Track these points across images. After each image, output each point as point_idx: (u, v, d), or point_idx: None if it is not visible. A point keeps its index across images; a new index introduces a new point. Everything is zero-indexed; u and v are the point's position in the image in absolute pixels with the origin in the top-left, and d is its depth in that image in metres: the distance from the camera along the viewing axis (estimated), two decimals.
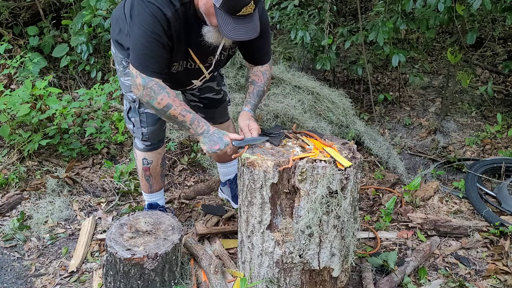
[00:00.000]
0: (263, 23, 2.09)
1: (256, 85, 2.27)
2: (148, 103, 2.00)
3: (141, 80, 1.97)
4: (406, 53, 3.60)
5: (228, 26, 1.84)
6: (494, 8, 3.12)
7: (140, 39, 1.94)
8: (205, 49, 2.09)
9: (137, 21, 1.94)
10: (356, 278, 2.31)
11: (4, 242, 2.61)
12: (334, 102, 3.67)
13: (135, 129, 2.40)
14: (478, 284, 2.30)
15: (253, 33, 1.89)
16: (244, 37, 1.88)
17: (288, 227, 1.94)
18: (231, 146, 2.04)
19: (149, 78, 1.97)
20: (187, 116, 2.03)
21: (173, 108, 2.00)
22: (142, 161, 2.49)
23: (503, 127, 3.83)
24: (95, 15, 4.16)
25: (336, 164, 1.87)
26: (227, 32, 1.85)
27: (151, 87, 1.97)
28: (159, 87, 1.98)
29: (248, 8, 1.81)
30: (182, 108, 2.02)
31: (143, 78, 1.96)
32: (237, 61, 3.84)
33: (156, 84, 1.97)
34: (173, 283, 2.18)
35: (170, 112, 2.00)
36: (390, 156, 3.52)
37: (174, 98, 2.01)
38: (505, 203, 2.89)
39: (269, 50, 2.31)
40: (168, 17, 1.91)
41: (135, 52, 1.97)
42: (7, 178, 3.12)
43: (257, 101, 2.26)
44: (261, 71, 2.29)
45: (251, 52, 2.28)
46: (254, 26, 1.89)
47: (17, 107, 3.22)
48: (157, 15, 1.90)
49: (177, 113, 2.01)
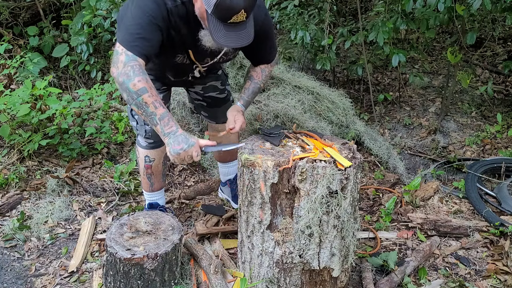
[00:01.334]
0: (265, 28, 2.10)
1: (253, 81, 2.31)
2: (123, 83, 1.84)
3: (124, 58, 1.85)
4: (406, 53, 3.60)
5: (219, 32, 1.82)
6: (494, 8, 3.12)
7: (136, 19, 1.89)
8: (203, 51, 2.09)
9: (137, 3, 1.92)
10: (356, 278, 2.31)
11: (4, 242, 2.61)
12: (334, 102, 3.67)
13: (139, 126, 2.40)
14: (478, 284, 2.30)
15: (245, 40, 1.86)
16: (235, 45, 1.86)
17: (288, 227, 1.94)
18: (197, 149, 1.91)
19: (134, 57, 1.85)
20: (159, 110, 1.87)
21: (147, 95, 1.84)
22: (144, 158, 2.49)
23: (503, 127, 3.83)
24: (95, 15, 4.16)
25: (336, 164, 1.87)
26: (217, 39, 1.83)
27: (132, 65, 1.84)
28: (140, 69, 1.85)
29: (239, 16, 1.79)
30: (157, 99, 1.87)
31: (127, 56, 1.85)
32: (237, 61, 3.84)
33: (138, 65, 1.85)
34: (173, 283, 2.18)
35: (143, 98, 1.84)
36: (390, 156, 3.52)
37: (151, 87, 1.87)
38: (505, 203, 2.89)
39: (272, 52, 2.32)
40: (168, 7, 1.91)
41: (128, 31, 1.89)
42: (7, 178, 3.12)
43: (250, 98, 2.31)
44: (260, 68, 2.33)
45: (253, 53, 2.31)
46: (247, 34, 1.86)
47: (17, 107, 3.22)
48: (158, 2, 1.90)
49: (150, 102, 1.85)
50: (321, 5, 3.96)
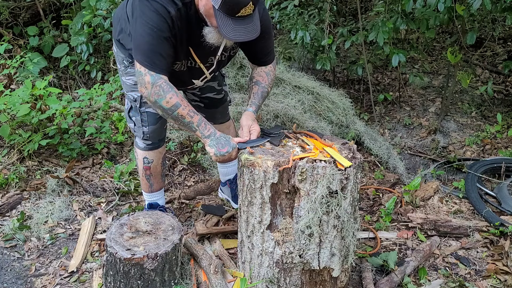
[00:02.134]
0: (265, 24, 2.08)
1: (260, 86, 2.26)
2: (156, 102, 1.97)
3: (150, 78, 1.94)
4: (406, 53, 3.60)
5: (227, 27, 1.83)
6: (494, 8, 3.12)
7: (145, 37, 1.92)
8: (206, 49, 2.09)
9: (141, 19, 1.93)
10: (356, 278, 2.31)
11: (4, 242, 2.61)
12: (334, 102, 3.67)
13: (136, 128, 2.40)
14: (478, 284, 2.30)
15: (254, 33, 1.88)
16: (244, 38, 1.88)
17: (288, 227, 1.94)
18: (237, 149, 2.03)
19: (158, 76, 1.95)
20: (195, 118, 2.01)
21: (181, 108, 1.97)
22: (143, 160, 2.49)
23: (503, 127, 3.83)
24: (95, 15, 4.16)
25: (336, 164, 1.87)
26: (226, 34, 1.84)
27: (160, 85, 1.94)
28: (168, 86, 1.96)
29: (247, 9, 1.81)
30: (190, 109, 2.01)
31: (152, 75, 1.94)
32: (237, 61, 3.84)
33: (165, 82, 1.96)
34: (173, 283, 2.18)
35: (178, 112, 1.97)
36: (390, 156, 3.52)
37: (182, 98, 2.01)
38: (505, 203, 2.89)
39: (272, 51, 2.30)
40: (172, 15, 1.91)
41: (141, 50, 1.95)
42: (7, 178, 3.12)
43: (260, 102, 2.26)
44: (265, 71, 2.29)
45: (253, 53, 2.28)
46: (254, 27, 1.88)
47: (17, 107, 3.22)
48: (161, 11, 1.90)
49: (185, 114, 1.99)
50: (321, 5, 3.96)
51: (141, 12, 1.94)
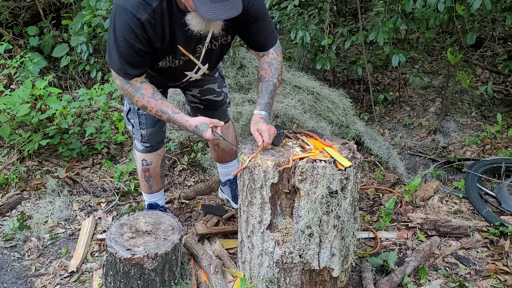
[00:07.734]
0: (254, 5, 2.01)
1: (264, 81, 2.16)
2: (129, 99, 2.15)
3: (119, 82, 2.07)
4: (406, 53, 3.59)
5: (204, 6, 1.76)
6: (494, 8, 3.11)
7: (114, 44, 1.96)
8: (191, 39, 2.04)
9: (112, 29, 1.95)
10: (356, 278, 2.31)
11: (4, 242, 2.61)
12: (334, 102, 3.67)
13: (134, 130, 2.40)
14: (478, 284, 2.30)
15: (234, 11, 1.79)
16: (223, 16, 1.79)
17: (288, 227, 1.94)
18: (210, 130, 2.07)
19: (125, 81, 2.05)
20: (163, 116, 2.10)
21: (148, 109, 2.09)
22: (142, 162, 2.49)
23: (503, 127, 3.82)
24: (95, 15, 4.16)
25: (336, 164, 1.87)
26: (204, 13, 1.77)
27: (126, 89, 2.07)
28: (134, 89, 2.05)
29: None
30: (157, 108, 2.08)
31: (120, 80, 2.06)
32: (237, 61, 3.84)
33: (131, 87, 2.05)
34: (173, 283, 2.18)
35: (148, 112, 2.11)
36: (390, 156, 3.52)
37: (149, 98, 2.06)
38: (505, 203, 2.89)
39: (271, 34, 2.17)
40: (143, 21, 1.88)
41: (111, 56, 2.01)
42: (7, 178, 3.12)
43: (267, 99, 2.13)
44: (267, 62, 2.18)
45: (250, 38, 2.18)
46: (234, 4, 1.79)
47: (17, 107, 3.22)
48: (129, 21, 1.88)
49: (153, 113, 2.10)
50: (321, 5, 3.95)
51: (113, 17, 1.94)
